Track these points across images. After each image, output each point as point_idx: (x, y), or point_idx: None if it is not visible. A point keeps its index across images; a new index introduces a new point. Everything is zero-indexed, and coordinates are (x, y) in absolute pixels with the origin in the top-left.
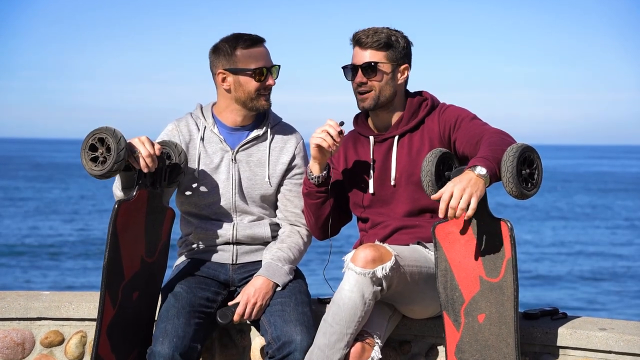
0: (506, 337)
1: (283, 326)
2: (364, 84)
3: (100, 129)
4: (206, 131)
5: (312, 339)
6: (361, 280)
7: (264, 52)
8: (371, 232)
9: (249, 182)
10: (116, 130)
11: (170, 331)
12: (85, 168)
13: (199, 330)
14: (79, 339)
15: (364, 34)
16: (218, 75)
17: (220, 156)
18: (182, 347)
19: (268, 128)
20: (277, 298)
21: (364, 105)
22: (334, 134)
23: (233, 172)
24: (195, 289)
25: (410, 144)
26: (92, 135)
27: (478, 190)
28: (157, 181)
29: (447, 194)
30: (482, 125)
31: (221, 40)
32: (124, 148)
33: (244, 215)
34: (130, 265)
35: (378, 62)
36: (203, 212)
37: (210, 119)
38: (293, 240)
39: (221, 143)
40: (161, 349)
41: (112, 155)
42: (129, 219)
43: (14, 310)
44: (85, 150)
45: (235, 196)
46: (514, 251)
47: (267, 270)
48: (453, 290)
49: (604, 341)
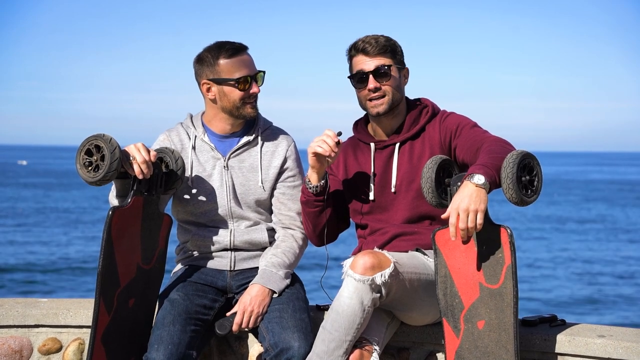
0: (506, 344)
1: (281, 333)
2: (378, 89)
3: (98, 136)
4: (197, 140)
5: (310, 346)
6: (360, 287)
7: (247, 59)
8: (370, 238)
9: (243, 187)
10: (112, 139)
11: (165, 338)
12: (78, 172)
13: (195, 337)
14: (77, 346)
15: (366, 42)
16: (203, 86)
17: (213, 164)
18: (177, 354)
19: (258, 134)
20: (275, 305)
21: (378, 110)
22: (332, 143)
23: (226, 178)
24: (192, 296)
25: (411, 151)
26: (89, 141)
27: (481, 202)
28: (153, 187)
29: (453, 218)
30: (482, 133)
31: (204, 50)
32: (118, 158)
33: (241, 221)
34: (126, 272)
35: (390, 66)
36: (199, 220)
37: (200, 127)
38: (287, 244)
39: (212, 151)
40: (156, 355)
41: (105, 164)
42: (124, 225)
43: (12, 317)
44: (81, 154)
45: (231, 202)
46: (513, 257)
47: (262, 278)
48: (453, 296)
49: (602, 348)
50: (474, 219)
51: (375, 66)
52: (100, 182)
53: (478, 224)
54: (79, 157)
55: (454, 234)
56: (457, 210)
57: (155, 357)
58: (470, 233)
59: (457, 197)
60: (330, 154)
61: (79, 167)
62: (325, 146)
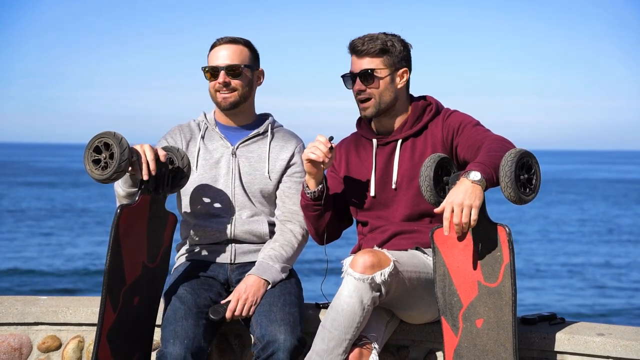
0: (504, 342)
1: (268, 326)
2: (362, 91)
3: (108, 133)
4: (207, 130)
5: (296, 339)
6: (360, 286)
7: (221, 51)
8: (370, 236)
9: (249, 176)
10: (123, 138)
11: (180, 332)
12: (86, 169)
13: (206, 331)
14: (77, 344)
15: (359, 41)
16: None
17: (221, 152)
18: (193, 348)
19: (269, 129)
20: (267, 298)
21: (365, 114)
22: (324, 149)
23: (233, 166)
24: (198, 290)
25: (413, 148)
26: (99, 137)
27: (476, 199)
28: (159, 186)
29: (447, 212)
30: (484, 131)
31: None
32: (127, 159)
33: (243, 210)
34: (132, 270)
35: (375, 69)
36: (203, 208)
37: (212, 121)
38: (285, 238)
39: (222, 140)
40: (173, 350)
41: (114, 163)
42: (131, 224)
43: (11, 315)
44: (90, 151)
45: (235, 189)
46: (512, 256)
47: (258, 269)
48: (451, 295)
49: (601, 346)
50: (468, 214)
51: (362, 69)
52: (108, 180)
53: (472, 220)
54: (87, 154)
55: (447, 228)
56: (452, 204)
57: (172, 351)
58: (464, 229)
59: (452, 192)
60: (324, 160)
61: (88, 167)
62: (318, 152)
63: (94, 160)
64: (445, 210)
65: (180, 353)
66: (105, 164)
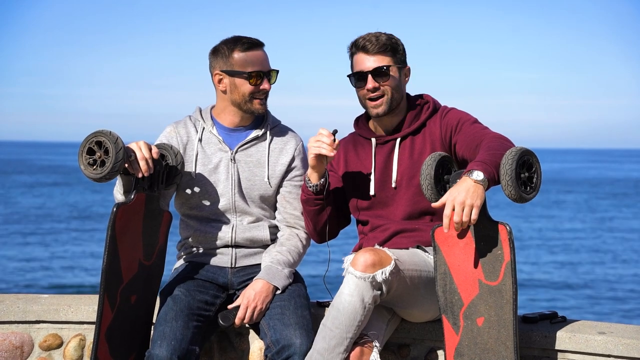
0: (505, 341)
1: (282, 330)
2: (376, 89)
3: (98, 132)
4: (204, 132)
5: (311, 343)
6: (361, 285)
7: (262, 55)
8: (370, 235)
9: (248, 182)
10: (113, 132)
11: (168, 334)
12: (83, 171)
13: (197, 333)
14: (78, 342)
15: (366, 40)
16: (215, 77)
17: (219, 157)
18: (180, 350)
19: (267, 129)
20: (277, 302)
21: (378, 111)
22: (328, 142)
23: (232, 172)
24: (193, 292)
25: (412, 147)
26: (89, 139)
27: (477, 198)
28: (154, 184)
29: (448, 209)
30: (482, 129)
31: (221, 42)
32: (122, 149)
33: (244, 216)
34: (129, 268)
35: (389, 66)
36: (202, 213)
37: (209, 120)
38: (292, 243)
39: (220, 144)
40: (159, 351)
41: (110, 157)
42: (127, 222)
43: (13, 313)
44: (83, 154)
45: (235, 196)
46: (512, 254)
47: (267, 274)
48: (452, 293)
49: (603, 345)
50: (468, 213)
51: (374, 66)
52: (109, 174)
53: (472, 219)
54: (82, 158)
55: (447, 226)
56: (453, 202)
57: (159, 353)
58: (464, 227)
59: (453, 190)
60: (330, 153)
61: (83, 167)
62: (326, 146)
63: (90, 162)
64: (445, 207)
65: (166, 355)
66: (102, 161)
